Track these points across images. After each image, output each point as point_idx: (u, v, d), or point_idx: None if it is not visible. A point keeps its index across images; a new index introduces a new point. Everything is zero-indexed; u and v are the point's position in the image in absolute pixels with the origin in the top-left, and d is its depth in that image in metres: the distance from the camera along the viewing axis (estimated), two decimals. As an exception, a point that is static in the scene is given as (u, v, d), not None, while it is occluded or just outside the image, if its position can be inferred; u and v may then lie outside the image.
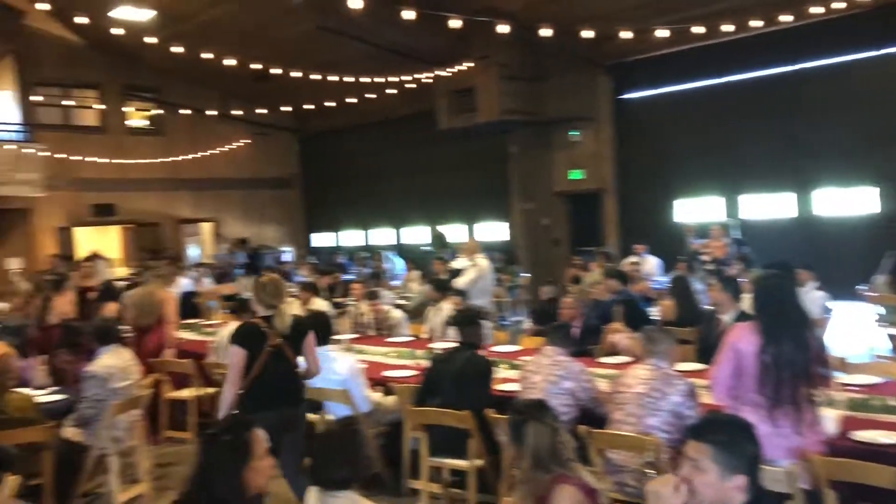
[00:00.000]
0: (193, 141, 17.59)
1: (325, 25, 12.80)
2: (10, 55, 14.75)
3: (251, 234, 18.73)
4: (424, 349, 6.73)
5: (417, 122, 16.07)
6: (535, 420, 3.05)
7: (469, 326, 5.38)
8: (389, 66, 13.99)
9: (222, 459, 2.64)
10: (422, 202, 16.91)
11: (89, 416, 5.52)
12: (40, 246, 15.26)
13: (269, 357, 4.60)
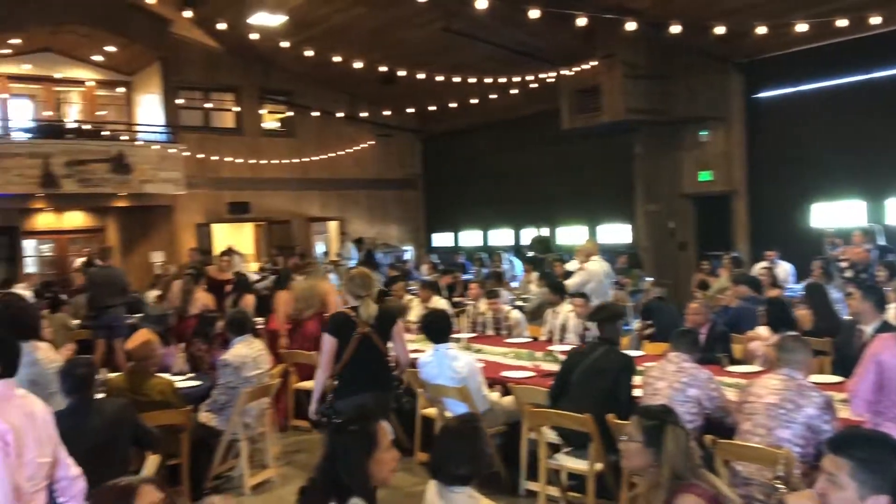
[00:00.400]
0: (322, 142, 18.21)
1: (450, 27, 12.93)
2: (158, 61, 15.76)
3: (374, 232, 19.18)
4: (543, 351, 6.69)
5: (540, 123, 15.97)
6: (673, 424, 2.96)
7: (609, 322, 5.30)
8: (513, 66, 14.00)
9: (348, 448, 2.71)
10: (542, 203, 16.78)
11: (222, 402, 5.82)
12: (180, 241, 16.23)
13: (357, 344, 4.81)
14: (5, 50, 14.69)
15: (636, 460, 2.97)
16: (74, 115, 16.74)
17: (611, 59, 13.19)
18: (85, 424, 4.01)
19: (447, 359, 5.51)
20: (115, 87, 16.95)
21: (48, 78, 15.89)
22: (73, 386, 4.12)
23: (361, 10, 13.15)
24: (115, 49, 15.35)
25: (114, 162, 14.36)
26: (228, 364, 5.84)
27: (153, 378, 5.35)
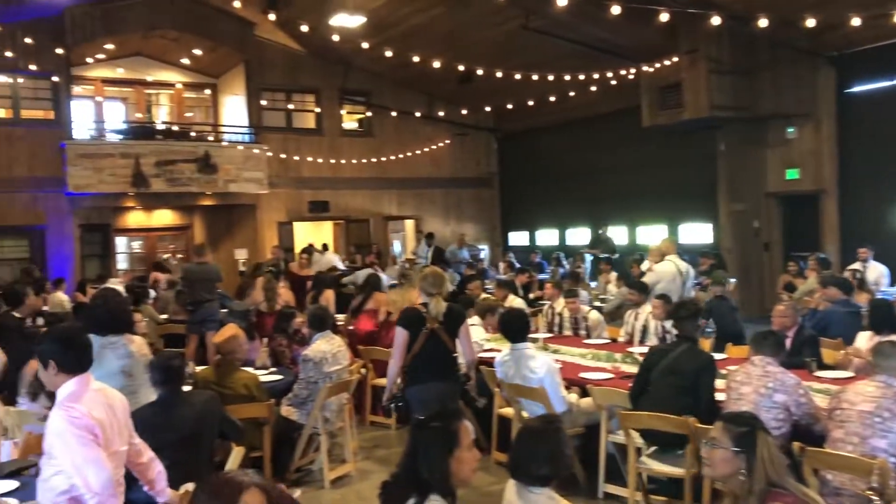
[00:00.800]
0: (399, 142, 18.39)
1: (528, 25, 12.87)
2: (242, 63, 16.22)
3: (450, 231, 19.26)
4: (623, 352, 6.59)
5: (619, 120, 15.73)
6: (763, 430, 2.87)
7: (687, 320, 5.20)
8: (592, 63, 13.83)
9: (429, 445, 2.73)
10: (621, 202, 16.51)
11: (303, 396, 5.95)
12: (263, 239, 16.66)
13: (425, 338, 5.15)
14: (100, 55, 15.37)
15: (723, 468, 2.87)
16: (163, 116, 17.40)
17: (694, 55, 12.89)
18: (175, 415, 4.16)
19: (524, 358, 5.49)
20: (201, 90, 17.53)
21: (139, 81, 16.55)
22: (164, 378, 4.27)
23: (440, 10, 13.23)
24: (202, 52, 15.86)
25: (200, 162, 14.86)
26: (309, 359, 5.97)
27: (239, 372, 5.51)
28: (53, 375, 3.19)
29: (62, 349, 3.20)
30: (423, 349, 5.16)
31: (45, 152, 14.38)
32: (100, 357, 4.35)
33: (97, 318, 4.53)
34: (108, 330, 4.47)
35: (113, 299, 4.71)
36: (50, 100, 14.85)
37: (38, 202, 14.43)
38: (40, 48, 13.93)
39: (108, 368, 4.38)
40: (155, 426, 4.05)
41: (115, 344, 4.48)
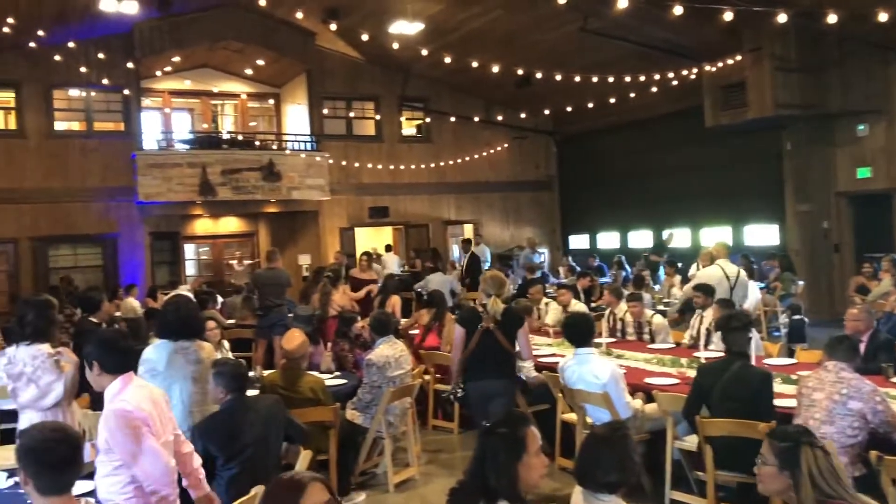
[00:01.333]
0: (457, 146, 18.46)
1: (587, 27, 12.78)
2: (304, 73, 16.52)
3: (509, 235, 19.25)
4: (688, 357, 6.48)
5: (680, 121, 15.49)
6: (809, 445, 2.81)
7: (732, 333, 4.98)
8: (652, 63, 13.67)
9: (497, 451, 2.74)
10: (683, 204, 16.24)
11: (367, 400, 6.02)
12: (325, 244, 16.93)
13: (480, 336, 5.45)
14: (167, 68, 15.85)
15: (771, 484, 2.83)
16: (229, 126, 17.83)
17: (758, 53, 12.61)
18: (243, 420, 4.26)
19: (588, 363, 5.45)
20: (265, 99, 17.92)
21: (206, 92, 17.00)
22: (231, 384, 4.38)
23: (498, 14, 13.25)
24: (265, 63, 16.22)
25: (264, 170, 15.19)
26: (373, 364, 6.04)
27: (305, 376, 5.61)
28: (97, 376, 3.42)
29: (104, 351, 3.43)
30: (478, 347, 5.46)
31: (116, 163, 14.92)
32: (171, 362, 4.49)
33: (169, 323, 4.65)
34: (180, 336, 4.58)
35: (185, 306, 4.83)
36: (121, 112, 15.41)
37: (110, 211, 14.97)
38: (111, 63, 14.47)
39: (179, 374, 4.49)
40: (224, 434, 4.16)
41: (187, 350, 4.58)
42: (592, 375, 5.36)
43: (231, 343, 9.43)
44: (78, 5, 12.39)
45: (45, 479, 2.61)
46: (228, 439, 4.12)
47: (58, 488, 2.63)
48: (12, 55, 14.03)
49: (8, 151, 14.37)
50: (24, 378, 4.45)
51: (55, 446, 2.61)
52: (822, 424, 4.23)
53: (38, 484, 2.61)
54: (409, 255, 17.75)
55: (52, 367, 4.40)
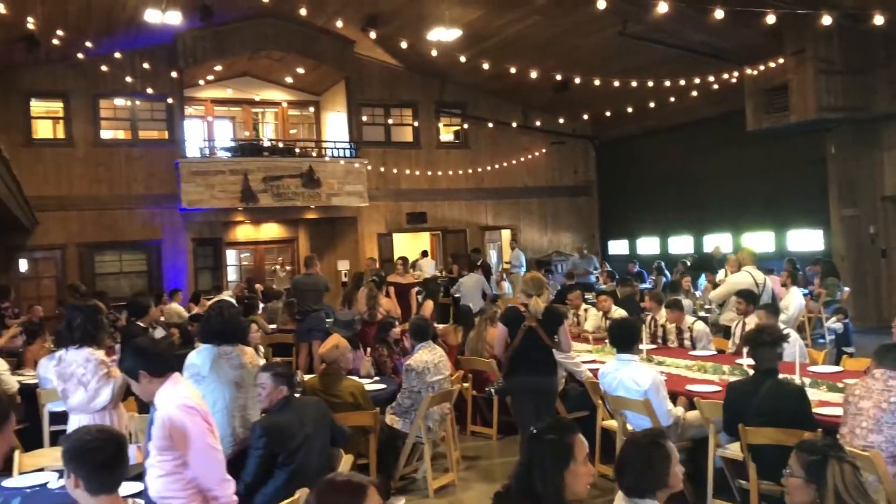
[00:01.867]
0: (495, 152, 18.48)
1: (626, 31, 12.71)
2: (343, 80, 16.69)
3: (546, 241, 19.19)
4: (731, 364, 6.40)
5: (721, 125, 15.31)
6: (837, 459, 2.76)
7: (760, 348, 4.78)
8: (692, 67, 13.54)
9: (544, 458, 2.73)
10: (724, 209, 16.03)
11: (406, 405, 6.05)
12: (364, 250, 17.06)
13: (523, 335, 5.61)
14: (210, 76, 16.15)
15: (798, 496, 2.80)
16: (269, 133, 18.08)
17: (801, 55, 12.41)
18: (294, 421, 4.32)
19: (629, 369, 5.41)
20: (305, 107, 18.14)
21: (247, 100, 17.27)
22: (289, 383, 4.47)
23: (535, 19, 13.24)
24: (305, 71, 16.42)
25: (304, 177, 15.38)
26: (412, 369, 6.08)
27: (345, 380, 5.66)
28: (147, 384, 3.44)
29: (147, 358, 3.46)
30: (521, 344, 5.63)
31: (160, 171, 15.24)
32: (215, 367, 4.56)
33: (212, 328, 4.71)
34: (223, 340, 4.64)
35: (228, 311, 4.88)
36: (164, 120, 15.73)
37: (154, 218, 15.28)
38: (156, 72, 14.80)
39: (223, 379, 4.55)
40: (287, 431, 4.22)
41: (230, 354, 4.63)
42: (633, 381, 5.32)
43: (273, 348, 9.61)
44: (123, 17, 12.69)
45: (94, 480, 2.69)
46: (290, 437, 4.19)
47: (106, 488, 2.71)
48: (61, 67, 14.44)
49: (56, 160, 14.76)
50: (74, 380, 4.57)
51: (102, 446, 2.69)
52: (870, 433, 4.15)
53: (87, 484, 2.69)
54: (446, 261, 17.78)
55: (101, 370, 4.50)
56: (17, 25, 11.46)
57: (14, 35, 12.11)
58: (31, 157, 14.31)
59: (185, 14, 12.68)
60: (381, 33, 14.50)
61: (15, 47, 12.73)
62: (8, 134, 13.07)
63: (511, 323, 5.77)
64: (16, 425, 6.74)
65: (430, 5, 13.18)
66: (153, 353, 3.51)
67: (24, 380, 7.40)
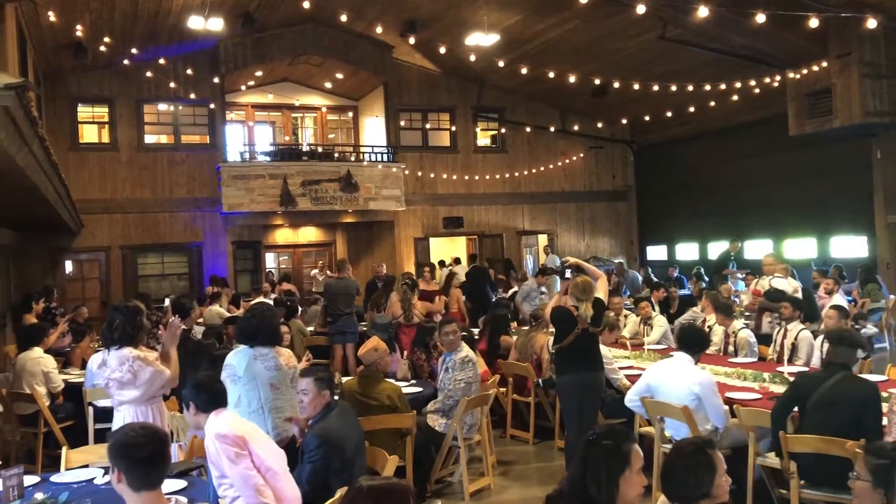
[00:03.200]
0: (532, 156, 18.45)
1: (666, 35, 12.61)
2: (382, 85, 16.81)
3: (584, 246, 19.08)
4: (771, 372, 6.30)
5: (762, 129, 15.11)
6: None
7: (842, 346, 4.75)
8: (733, 71, 13.39)
9: (601, 463, 2.72)
10: (765, 214, 15.80)
11: (443, 408, 6.07)
12: (401, 254, 17.15)
13: (575, 336, 5.85)
14: (251, 82, 16.38)
15: (865, 501, 2.75)
16: (308, 138, 18.27)
17: (846, 59, 12.19)
18: (347, 423, 4.36)
19: (685, 369, 5.34)
20: (343, 112, 18.29)
21: (287, 105, 17.48)
22: (334, 387, 4.50)
23: (574, 24, 13.19)
24: (343, 76, 16.57)
25: (343, 181, 15.51)
26: (470, 359, 6.17)
27: (382, 382, 5.70)
28: (193, 416, 3.76)
29: (197, 393, 3.76)
30: (574, 343, 5.86)
31: (202, 175, 15.50)
32: (250, 368, 4.62)
33: (246, 330, 4.79)
34: (258, 342, 4.69)
35: (262, 313, 4.93)
36: (206, 125, 15.99)
37: (195, 221, 15.54)
38: (198, 78, 15.07)
39: (258, 379, 4.61)
40: (342, 436, 4.24)
41: (266, 356, 4.69)
42: (688, 380, 5.24)
43: (310, 350, 9.71)
44: (167, 24, 12.94)
45: (137, 475, 2.76)
46: (345, 444, 4.17)
47: (149, 483, 2.78)
48: (107, 72, 14.77)
49: (101, 164, 15.09)
50: (115, 380, 4.67)
51: (144, 442, 2.77)
52: (915, 443, 4.06)
53: (129, 480, 2.77)
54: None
55: (137, 369, 4.59)
56: (65, 33, 11.77)
57: (63, 42, 12.43)
58: (78, 161, 14.66)
59: (228, 21, 12.90)
60: (420, 38, 14.58)
61: (63, 54, 13.06)
62: (55, 138, 13.40)
63: (560, 322, 5.99)
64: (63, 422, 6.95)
65: (468, 10, 13.22)
66: (204, 391, 3.77)
67: (71, 378, 7.59)
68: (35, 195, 7.06)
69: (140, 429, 2.86)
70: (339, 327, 9.94)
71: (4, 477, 3.69)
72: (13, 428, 7.18)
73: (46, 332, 7.80)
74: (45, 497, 3.64)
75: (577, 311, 5.87)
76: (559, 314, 6.05)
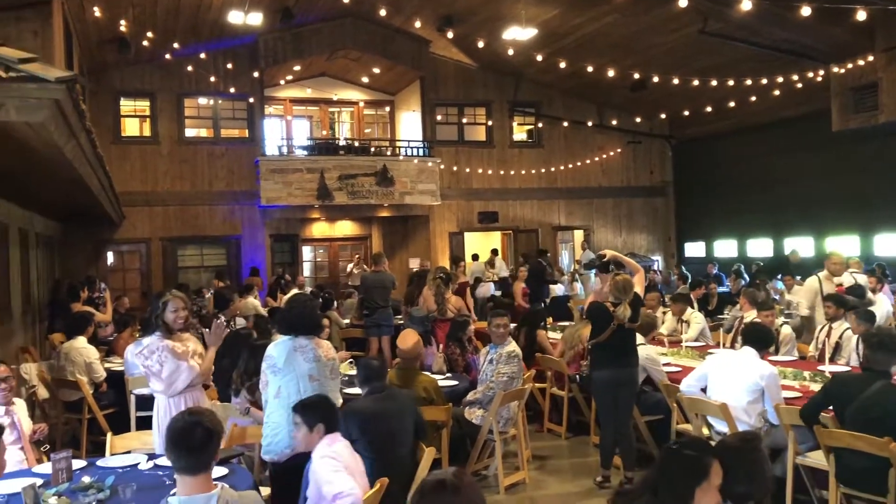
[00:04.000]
0: (569, 151, 18.35)
1: (706, 29, 12.44)
2: (418, 80, 16.84)
3: (620, 242, 18.93)
4: (812, 370, 6.21)
5: (804, 125, 14.85)
6: None
7: (880, 351, 4.61)
8: (775, 65, 13.17)
9: (679, 472, 2.68)
10: (806, 212, 15.53)
11: (478, 401, 6.09)
12: (436, 248, 17.20)
13: (612, 332, 5.85)
14: (289, 76, 16.52)
15: None
16: (345, 132, 18.39)
17: (893, 52, 11.92)
18: (383, 409, 4.44)
19: (751, 361, 5.27)
20: (380, 107, 18.37)
21: (325, 100, 17.60)
22: (369, 376, 4.61)
23: (613, 17, 13.08)
24: (380, 71, 16.64)
25: (379, 175, 15.59)
26: (516, 355, 6.19)
27: (419, 375, 5.74)
28: (318, 437, 3.70)
29: (326, 414, 3.74)
30: (611, 339, 5.85)
31: (241, 168, 15.70)
32: (290, 359, 4.65)
33: (286, 321, 4.81)
34: (298, 333, 4.70)
35: (304, 304, 4.95)
36: (245, 119, 16.16)
37: (234, 214, 15.75)
38: (238, 72, 15.25)
39: (297, 371, 4.62)
40: (368, 418, 4.32)
41: (305, 348, 4.71)
42: (756, 373, 5.16)
43: (346, 342, 9.82)
44: (208, 19, 13.11)
45: (183, 460, 2.84)
46: (368, 421, 4.28)
47: (196, 468, 2.85)
48: (149, 67, 15.02)
49: (143, 157, 15.36)
50: (156, 367, 4.76)
51: (192, 429, 2.85)
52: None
53: (176, 464, 2.85)
54: (517, 261, 17.73)
55: (176, 357, 4.67)
56: (109, 28, 12.00)
57: (107, 37, 12.66)
58: (120, 154, 14.92)
59: (267, 15, 13.03)
60: (457, 33, 14.57)
61: (107, 49, 13.31)
62: (99, 132, 13.53)
63: (596, 318, 5.99)
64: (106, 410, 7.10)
65: (506, 5, 13.18)
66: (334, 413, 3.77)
67: (114, 367, 7.75)
68: (81, 187, 7.21)
69: (188, 415, 2.95)
70: (375, 320, 10.06)
71: (54, 460, 3.79)
72: (58, 414, 7.37)
73: (90, 322, 7.98)
74: (92, 480, 3.73)
75: (614, 310, 5.85)
76: (595, 310, 6.05)
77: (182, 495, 2.82)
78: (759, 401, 5.15)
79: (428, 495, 2.24)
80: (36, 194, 8.50)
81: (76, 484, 3.72)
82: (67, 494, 3.60)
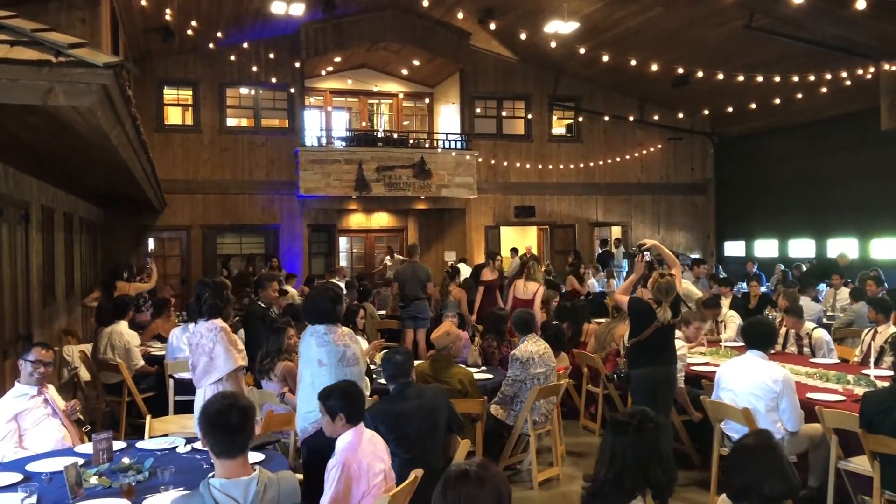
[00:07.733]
0: (608, 147, 18.17)
1: (752, 24, 12.21)
2: (457, 72, 16.81)
3: (659, 239, 18.66)
4: (856, 374, 6.07)
5: (852, 123, 14.52)
6: None
7: None
8: (822, 62, 12.88)
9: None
10: (851, 212, 15.18)
11: (510, 395, 6.07)
12: (471, 241, 17.17)
13: (654, 330, 5.78)
14: (329, 68, 16.60)
15: None
16: (384, 124, 18.43)
17: (947, 49, 11.58)
18: (411, 408, 4.38)
19: (761, 366, 5.20)
20: (419, 99, 18.37)
21: (364, 91, 17.66)
22: (394, 374, 4.54)
23: (657, 11, 12.89)
24: (420, 63, 16.63)
25: (416, 167, 15.61)
26: (517, 359, 6.12)
27: (454, 367, 5.73)
28: (341, 426, 3.63)
29: (349, 404, 3.63)
30: (650, 338, 5.79)
31: (280, 158, 15.82)
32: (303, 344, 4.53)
33: (303, 308, 4.84)
34: (319, 321, 4.56)
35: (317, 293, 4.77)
36: (286, 109, 16.28)
37: (273, 203, 15.89)
38: (279, 63, 15.35)
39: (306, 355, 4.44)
40: (393, 416, 4.30)
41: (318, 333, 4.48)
42: (765, 377, 5.10)
43: (383, 334, 9.85)
44: (251, 8, 13.22)
45: (220, 443, 2.86)
46: (396, 421, 4.26)
47: (232, 451, 2.87)
48: (192, 56, 15.20)
49: (185, 145, 15.56)
50: (199, 350, 4.83)
51: (228, 411, 2.87)
52: None
53: (214, 447, 2.87)
54: (552, 257, 17.65)
55: (223, 340, 4.73)
56: (155, 17, 12.15)
57: (152, 26, 12.83)
58: (163, 142, 15.13)
59: (309, 5, 13.08)
60: (498, 25, 14.49)
61: (152, 37, 13.49)
62: (142, 120, 13.76)
63: (638, 315, 5.90)
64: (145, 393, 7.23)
65: (548, -2, 13.08)
66: (356, 403, 3.68)
67: (152, 351, 7.88)
68: (125, 173, 7.32)
69: (223, 398, 2.97)
70: (410, 312, 10.12)
71: (96, 440, 3.86)
72: (98, 395, 7.51)
73: (130, 307, 8.12)
74: (132, 462, 3.79)
75: (657, 307, 5.77)
76: (638, 307, 5.93)
77: (222, 478, 2.85)
78: (774, 409, 5.05)
79: (451, 485, 2.25)
80: (80, 179, 8.66)
81: (116, 464, 3.79)
82: (107, 474, 3.67)
